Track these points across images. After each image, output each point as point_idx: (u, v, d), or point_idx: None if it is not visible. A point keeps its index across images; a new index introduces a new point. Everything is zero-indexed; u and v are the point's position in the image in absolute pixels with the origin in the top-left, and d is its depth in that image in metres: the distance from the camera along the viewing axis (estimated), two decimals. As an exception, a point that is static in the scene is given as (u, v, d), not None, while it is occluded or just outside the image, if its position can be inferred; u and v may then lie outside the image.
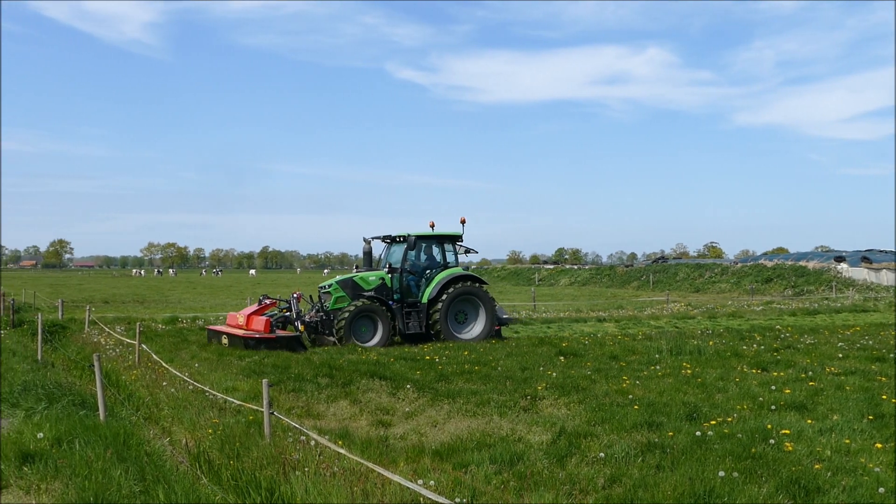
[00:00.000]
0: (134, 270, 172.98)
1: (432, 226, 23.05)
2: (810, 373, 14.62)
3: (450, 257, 23.18)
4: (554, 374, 14.74)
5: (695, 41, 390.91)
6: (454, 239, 23.30)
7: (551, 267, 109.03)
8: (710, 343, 19.35)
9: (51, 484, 7.77)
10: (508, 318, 25.04)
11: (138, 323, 19.56)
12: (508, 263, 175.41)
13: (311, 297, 23.19)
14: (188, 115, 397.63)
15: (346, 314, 20.85)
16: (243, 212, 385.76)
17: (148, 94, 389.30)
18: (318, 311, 21.74)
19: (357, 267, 24.84)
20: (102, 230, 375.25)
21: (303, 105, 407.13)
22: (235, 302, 41.90)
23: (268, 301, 21.67)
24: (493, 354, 17.69)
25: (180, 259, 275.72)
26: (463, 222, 23.18)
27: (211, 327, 22.45)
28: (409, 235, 22.15)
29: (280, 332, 20.43)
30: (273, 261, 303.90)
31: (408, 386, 13.70)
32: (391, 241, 23.40)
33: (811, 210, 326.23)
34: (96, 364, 10.75)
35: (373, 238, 23.42)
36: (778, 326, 25.38)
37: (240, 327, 20.37)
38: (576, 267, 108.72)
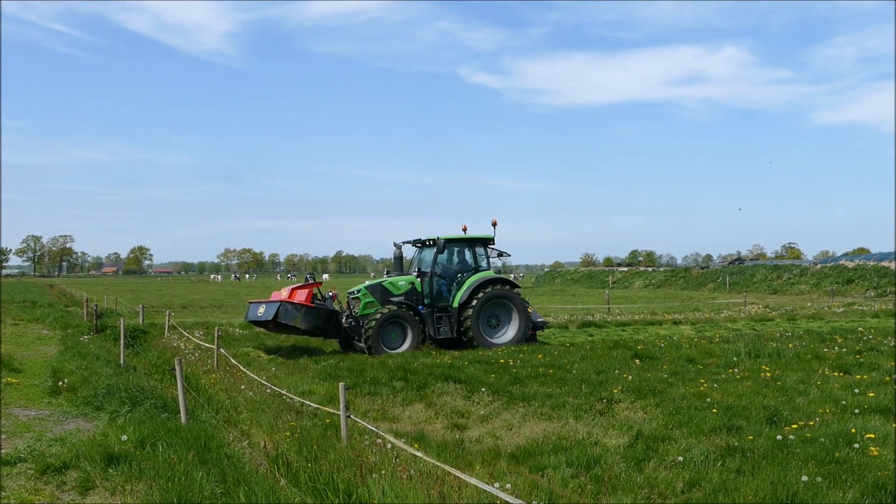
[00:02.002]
0: (212, 276, 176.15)
1: (464, 229, 22.51)
2: (895, 376, 14.22)
3: (481, 261, 22.61)
4: (630, 377, 14.58)
5: (773, 39, 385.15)
6: (485, 242, 22.68)
7: (625, 269, 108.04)
8: (790, 345, 18.92)
9: (135, 485, 7.93)
10: (543, 321, 24.43)
11: (216, 328, 19.90)
12: (581, 266, 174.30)
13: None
14: (265, 123, 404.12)
15: (375, 320, 20.35)
16: (317, 217, 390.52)
17: (227, 102, 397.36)
18: (347, 316, 21.34)
19: (388, 272, 24.30)
20: (181, 237, 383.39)
21: (377, 111, 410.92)
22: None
23: (312, 281, 21.63)
24: (567, 357, 17.56)
25: (256, 264, 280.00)
26: (494, 224, 22.54)
27: (253, 301, 22.56)
28: (438, 238, 21.59)
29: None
30: (347, 265, 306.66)
31: (482, 389, 13.69)
32: (422, 245, 22.89)
33: (894, 209, 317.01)
34: (178, 368, 10.97)
35: (404, 242, 22.89)
36: (860, 329, 24.71)
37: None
38: (650, 269, 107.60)
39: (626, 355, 17.89)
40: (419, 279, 21.62)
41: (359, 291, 21.26)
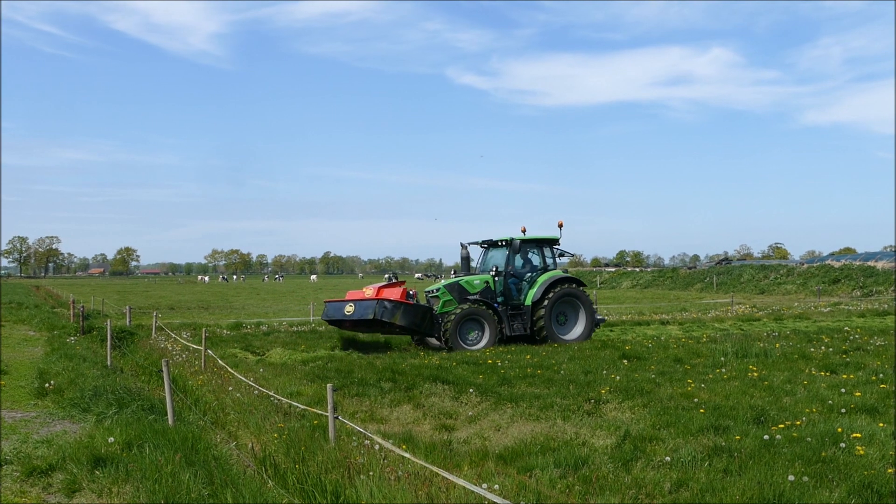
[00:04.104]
0: (199, 277, 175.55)
1: (524, 230, 23.37)
2: (881, 375, 14.28)
3: (548, 260, 23.58)
4: (617, 377, 14.60)
5: (760, 40, 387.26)
6: (553, 242, 23.75)
7: (613, 270, 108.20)
8: (777, 345, 18.99)
9: (122, 487, 7.90)
10: (602, 318, 25.44)
11: (204, 329, 19.84)
12: (569, 266, 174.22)
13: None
14: (253, 124, 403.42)
15: (454, 315, 21.23)
16: (305, 218, 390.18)
17: (215, 103, 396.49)
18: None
19: (454, 272, 25.14)
20: (168, 238, 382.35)
21: (365, 112, 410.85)
22: (298, 307, 42.30)
23: (395, 280, 22.13)
24: (555, 358, 17.58)
25: (243, 265, 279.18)
26: (560, 226, 23.53)
27: (329, 300, 22.69)
28: (513, 240, 22.50)
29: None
30: (334, 266, 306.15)
31: (470, 390, 13.69)
32: (489, 245, 23.87)
33: (880, 209, 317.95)
34: (165, 370, 10.93)
35: (470, 243, 23.76)
36: (846, 328, 24.84)
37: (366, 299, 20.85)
38: (637, 269, 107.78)
39: (614, 356, 17.91)
40: (494, 278, 22.12)
41: (438, 290, 22.14)
